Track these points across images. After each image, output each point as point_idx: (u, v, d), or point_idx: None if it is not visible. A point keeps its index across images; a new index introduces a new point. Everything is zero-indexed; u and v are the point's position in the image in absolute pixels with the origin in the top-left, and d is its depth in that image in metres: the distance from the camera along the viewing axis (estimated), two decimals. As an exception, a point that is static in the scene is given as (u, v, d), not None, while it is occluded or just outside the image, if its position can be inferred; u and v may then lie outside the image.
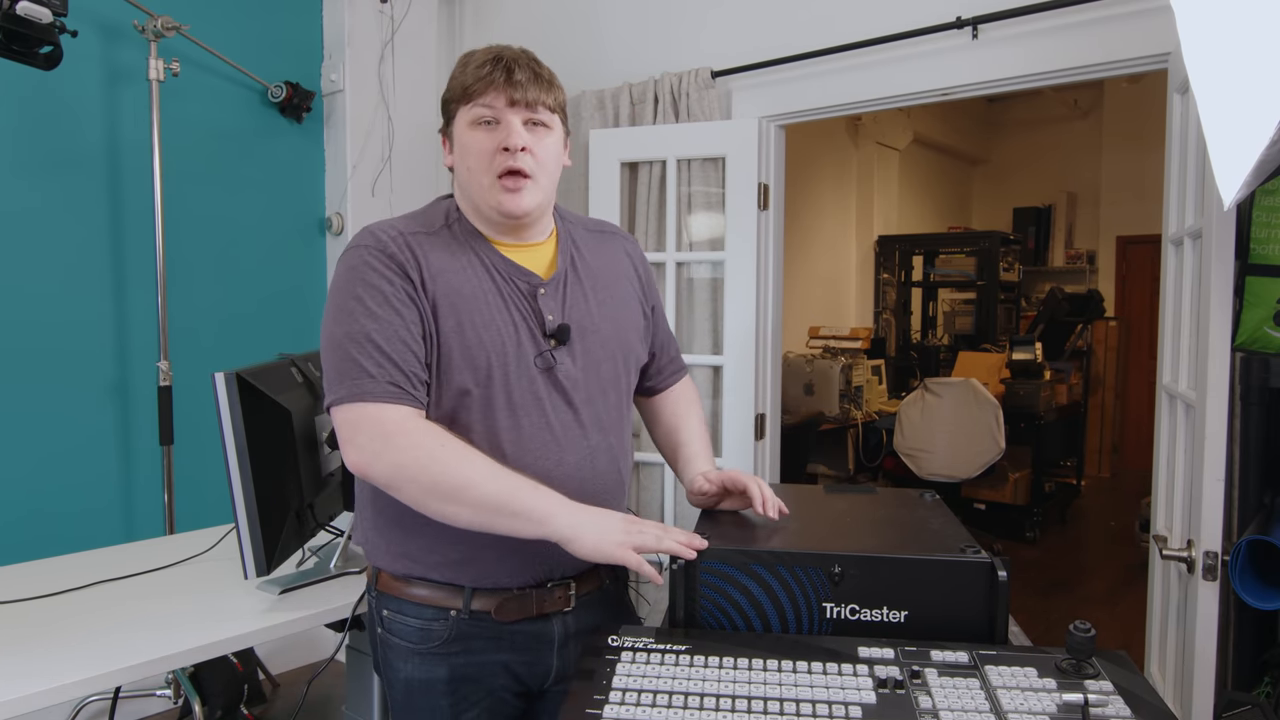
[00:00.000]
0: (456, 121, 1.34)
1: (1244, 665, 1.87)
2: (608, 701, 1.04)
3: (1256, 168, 1.05)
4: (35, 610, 1.61)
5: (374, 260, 1.26)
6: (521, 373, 1.30)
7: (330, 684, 3.16)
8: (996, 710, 0.99)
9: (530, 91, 1.31)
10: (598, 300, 1.41)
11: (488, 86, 1.30)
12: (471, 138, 1.31)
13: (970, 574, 1.16)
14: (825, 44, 2.77)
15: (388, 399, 1.21)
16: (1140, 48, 2.24)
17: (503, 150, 1.30)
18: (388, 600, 1.36)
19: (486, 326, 1.29)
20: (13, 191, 2.71)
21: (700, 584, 1.21)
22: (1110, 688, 1.03)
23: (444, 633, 1.33)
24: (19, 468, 2.74)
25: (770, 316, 3.01)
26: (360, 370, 1.21)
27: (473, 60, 1.33)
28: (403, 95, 3.56)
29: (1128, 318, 7.53)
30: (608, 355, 1.40)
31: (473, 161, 1.32)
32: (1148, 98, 7.13)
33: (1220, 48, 1.06)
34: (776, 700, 1.03)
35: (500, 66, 1.30)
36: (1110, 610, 4.23)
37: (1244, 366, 1.77)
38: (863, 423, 5.16)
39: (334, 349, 1.25)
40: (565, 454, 1.33)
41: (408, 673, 1.35)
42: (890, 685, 1.04)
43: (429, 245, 1.31)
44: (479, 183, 1.32)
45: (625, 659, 1.13)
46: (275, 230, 3.39)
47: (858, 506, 1.50)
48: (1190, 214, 1.86)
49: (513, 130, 1.30)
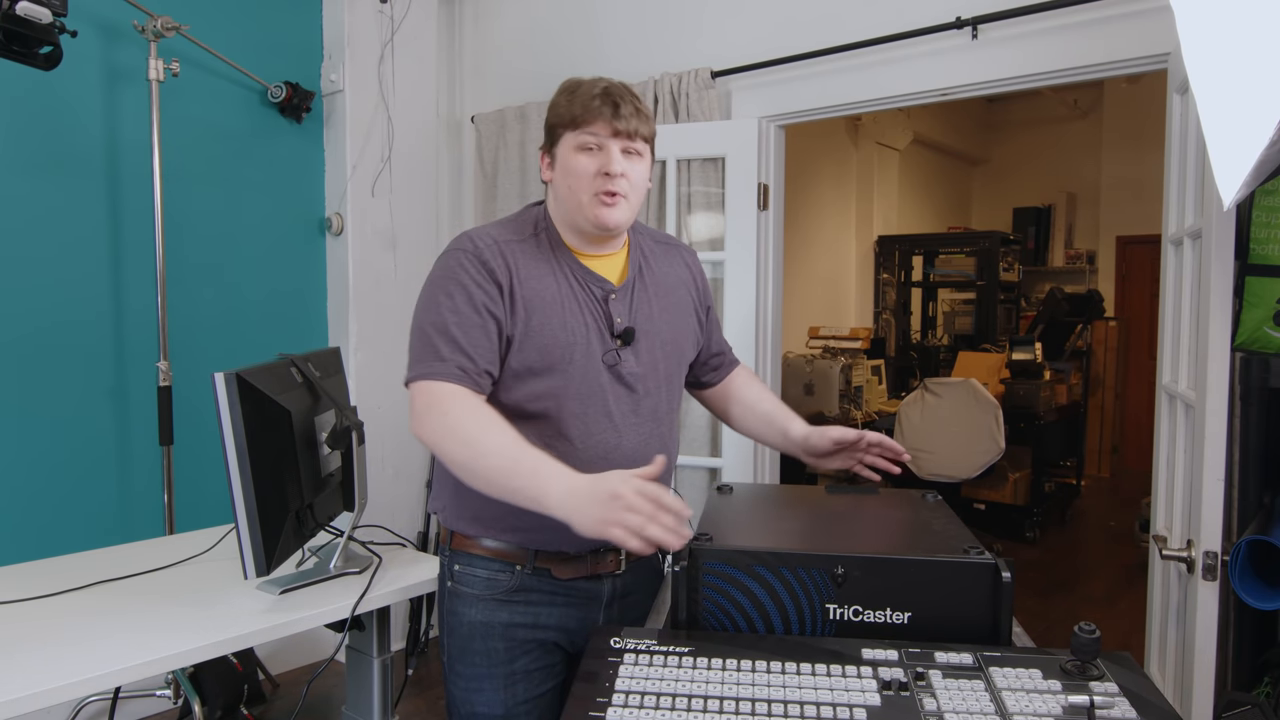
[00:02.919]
0: (561, 144, 1.51)
1: (1244, 665, 1.87)
2: (610, 704, 1.04)
3: (1256, 168, 1.05)
4: (35, 610, 1.61)
5: (468, 263, 1.44)
6: (590, 367, 1.48)
7: (330, 684, 3.16)
8: (1002, 712, 0.98)
9: (631, 123, 1.49)
10: (660, 306, 1.60)
11: (596, 118, 1.47)
12: (576, 160, 1.48)
13: (974, 575, 1.16)
14: (825, 44, 2.77)
15: (447, 378, 1.38)
16: (1140, 48, 2.25)
17: (603, 174, 1.47)
18: (459, 556, 1.55)
19: (563, 326, 1.47)
20: (12, 192, 2.71)
21: (703, 585, 1.21)
22: (1115, 689, 1.03)
23: (509, 583, 1.52)
24: (19, 468, 2.74)
25: (770, 316, 3.01)
26: (434, 355, 1.40)
27: (581, 91, 1.50)
28: (402, 95, 3.56)
29: (1127, 318, 7.53)
30: (665, 355, 1.58)
31: (575, 181, 1.48)
32: (1147, 98, 7.13)
33: (1220, 48, 1.06)
34: (780, 703, 1.03)
35: (608, 101, 1.47)
36: (1110, 610, 4.23)
37: (1244, 366, 1.77)
38: (863, 423, 5.16)
39: (417, 334, 1.44)
40: (623, 439, 1.50)
41: (471, 617, 1.53)
42: (895, 688, 1.04)
43: (519, 251, 1.49)
44: (578, 199, 1.49)
45: (628, 660, 1.13)
46: (275, 230, 3.39)
47: (860, 507, 1.51)
48: (1190, 214, 1.86)
49: (613, 157, 1.48)
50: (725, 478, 2.98)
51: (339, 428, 1.74)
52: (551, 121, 1.53)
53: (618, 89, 1.50)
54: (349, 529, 1.82)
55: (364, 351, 3.51)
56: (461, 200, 3.91)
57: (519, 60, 3.70)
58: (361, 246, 3.49)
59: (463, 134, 3.88)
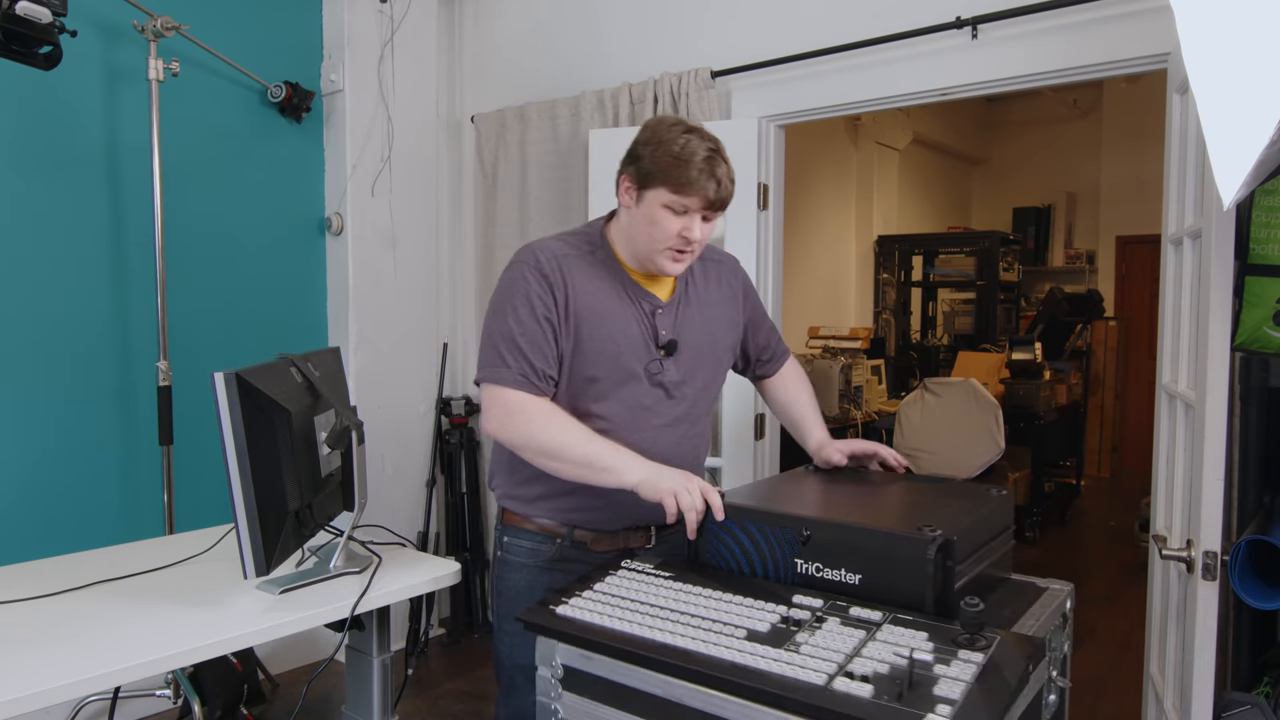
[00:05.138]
0: (652, 192, 1.58)
1: (1243, 665, 1.87)
2: (574, 597, 1.33)
3: (1256, 167, 1.05)
4: (34, 610, 1.61)
5: (530, 276, 1.60)
6: (636, 373, 1.65)
7: (330, 684, 3.17)
8: (850, 654, 1.10)
9: (724, 195, 1.58)
10: (703, 319, 1.74)
11: (696, 191, 1.55)
12: (661, 215, 1.58)
13: (911, 549, 1.23)
14: (825, 44, 2.77)
15: (514, 385, 1.57)
16: (1140, 48, 2.25)
17: (682, 236, 1.58)
18: (509, 530, 1.75)
19: (612, 337, 1.63)
20: (12, 191, 2.71)
21: (707, 531, 1.44)
22: (980, 659, 1.07)
23: (549, 553, 1.70)
24: (19, 468, 2.74)
25: (770, 316, 3.00)
26: (500, 360, 1.58)
27: (687, 152, 1.55)
28: (402, 95, 3.56)
29: (1127, 318, 7.53)
30: (703, 364, 1.75)
31: (656, 232, 1.59)
32: (1147, 98, 7.13)
33: (1220, 47, 1.06)
34: (698, 616, 1.23)
35: (712, 176, 1.55)
36: (1110, 610, 4.23)
37: (1243, 366, 1.77)
38: (862, 423, 5.15)
39: (486, 339, 1.62)
40: (658, 438, 1.67)
41: (516, 581, 1.72)
42: (789, 623, 1.20)
43: (576, 266, 1.63)
44: (653, 248, 1.61)
45: (622, 575, 1.42)
46: (275, 230, 3.39)
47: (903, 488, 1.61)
48: (1190, 214, 1.86)
49: (696, 226, 1.59)
50: (725, 477, 2.99)
51: (339, 427, 1.74)
52: (649, 168, 1.58)
53: (719, 156, 1.58)
54: (349, 529, 1.82)
55: (364, 351, 3.51)
56: (461, 200, 3.91)
57: (519, 60, 3.70)
58: (361, 246, 3.49)
59: (463, 134, 3.88)
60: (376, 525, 2.05)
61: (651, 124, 1.64)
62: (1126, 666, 3.53)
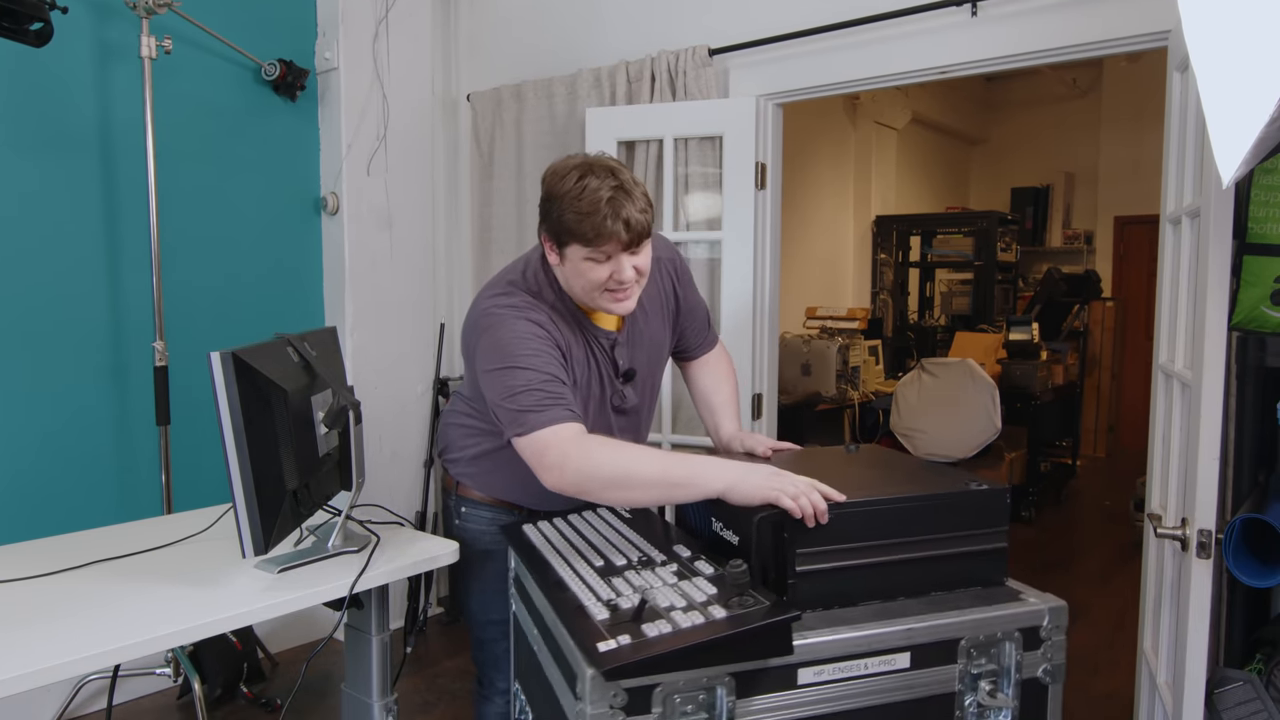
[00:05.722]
0: (569, 249, 1.56)
1: (1236, 642, 1.89)
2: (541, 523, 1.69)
3: (1256, 146, 1.04)
4: (33, 589, 1.61)
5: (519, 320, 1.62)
6: (604, 406, 1.76)
7: (329, 662, 3.18)
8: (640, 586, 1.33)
9: (639, 228, 1.53)
10: (649, 333, 1.81)
11: (609, 239, 1.51)
12: (585, 267, 1.56)
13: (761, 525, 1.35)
14: (824, 21, 2.75)
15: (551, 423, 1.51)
16: (1140, 25, 2.23)
17: (614, 279, 1.57)
18: (465, 501, 1.88)
19: (581, 376, 1.69)
20: (4, 171, 2.69)
21: None
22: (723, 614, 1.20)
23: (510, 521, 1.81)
24: (16, 448, 2.74)
25: (767, 297, 3.00)
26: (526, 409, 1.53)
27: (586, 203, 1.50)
28: (397, 73, 3.53)
29: (1124, 298, 7.53)
30: (654, 373, 1.86)
31: (586, 283, 1.58)
32: (1147, 77, 7.09)
33: (1221, 25, 1.05)
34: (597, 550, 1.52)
35: (618, 219, 1.50)
36: (1105, 588, 4.26)
37: (1240, 346, 1.78)
38: (859, 403, 5.17)
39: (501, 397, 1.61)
40: None
41: (481, 545, 1.86)
42: (637, 564, 1.44)
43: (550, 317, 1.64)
44: (591, 295, 1.61)
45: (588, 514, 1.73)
46: (270, 209, 3.38)
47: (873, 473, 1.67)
48: (1189, 193, 1.85)
49: (625, 267, 1.56)
50: (722, 457, 2.99)
51: (336, 407, 1.74)
52: (557, 228, 1.55)
53: (622, 195, 1.51)
54: (347, 508, 1.83)
55: (360, 331, 3.50)
56: (458, 179, 3.89)
57: (515, 38, 3.67)
58: (357, 226, 3.48)
59: (458, 112, 3.85)
60: (374, 504, 2.05)
61: (548, 176, 1.58)
62: (1120, 644, 3.56)
